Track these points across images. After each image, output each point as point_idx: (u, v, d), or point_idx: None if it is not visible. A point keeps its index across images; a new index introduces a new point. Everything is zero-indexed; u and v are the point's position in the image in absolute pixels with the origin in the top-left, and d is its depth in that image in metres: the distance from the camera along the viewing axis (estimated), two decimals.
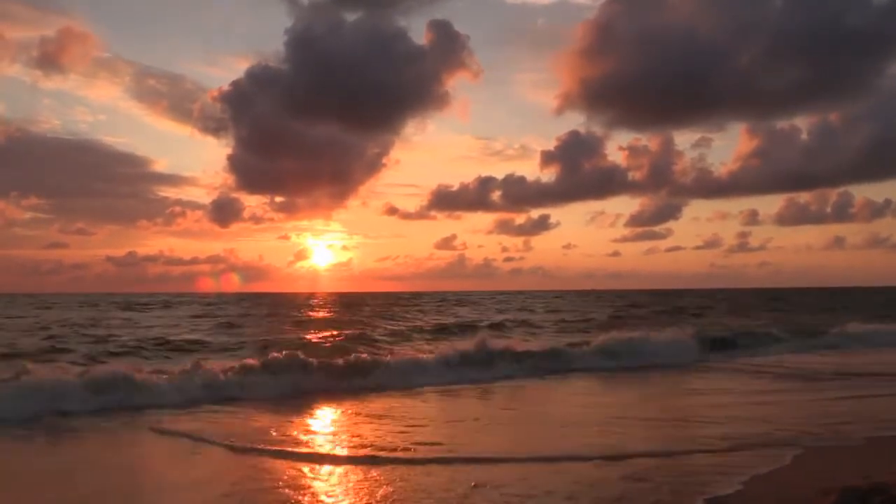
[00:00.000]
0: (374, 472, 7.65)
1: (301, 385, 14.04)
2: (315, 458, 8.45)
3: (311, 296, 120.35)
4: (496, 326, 32.09)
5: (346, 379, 14.74)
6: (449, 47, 73.29)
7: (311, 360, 15.31)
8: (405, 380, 15.09)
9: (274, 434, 9.78)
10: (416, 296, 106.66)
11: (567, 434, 10.15)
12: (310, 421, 11.24)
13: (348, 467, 7.97)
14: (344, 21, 73.51)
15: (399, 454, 8.48)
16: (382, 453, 8.50)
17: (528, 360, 18.08)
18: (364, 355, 16.97)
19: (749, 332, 26.86)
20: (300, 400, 13.01)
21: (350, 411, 11.93)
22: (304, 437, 9.70)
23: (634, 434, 9.87)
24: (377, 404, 12.57)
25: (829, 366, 18.24)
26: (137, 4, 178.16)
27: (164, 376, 13.50)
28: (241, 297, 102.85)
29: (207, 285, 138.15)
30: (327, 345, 22.36)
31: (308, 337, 25.26)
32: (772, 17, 62.04)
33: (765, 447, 8.64)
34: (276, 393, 13.48)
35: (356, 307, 58.24)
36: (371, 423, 10.70)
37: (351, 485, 7.22)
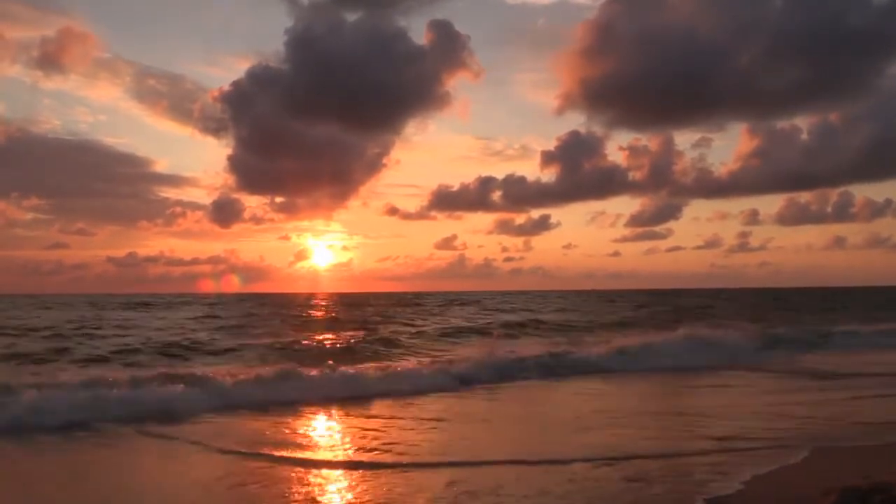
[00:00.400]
0: (370, 477, 7.63)
1: (319, 391, 13.47)
2: (314, 463, 8.35)
3: (313, 296, 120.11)
4: (524, 326, 31.69)
5: (362, 383, 14.30)
6: (449, 47, 73.22)
7: (327, 365, 15.13)
8: (419, 384, 14.67)
9: (280, 439, 9.65)
10: (419, 296, 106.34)
11: (568, 435, 10.15)
12: (319, 427, 10.97)
13: (346, 472, 7.92)
14: (344, 21, 73.42)
15: (398, 458, 8.39)
16: (382, 458, 8.44)
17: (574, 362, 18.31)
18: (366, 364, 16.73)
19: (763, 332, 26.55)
20: (315, 407, 12.43)
21: (363, 416, 11.55)
22: (309, 443, 9.60)
23: (637, 434, 9.83)
24: (389, 409, 12.20)
25: (842, 366, 18.24)
26: (138, 4, 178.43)
27: (176, 382, 12.89)
28: (242, 298, 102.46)
29: (208, 286, 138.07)
30: (347, 346, 21.87)
31: (325, 339, 24.71)
32: (772, 17, 61.99)
33: (769, 447, 8.61)
34: (292, 399, 12.84)
35: (363, 308, 57.58)
36: (378, 428, 10.43)
37: (345, 489, 7.21)
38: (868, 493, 5.75)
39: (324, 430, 10.69)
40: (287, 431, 10.28)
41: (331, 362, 15.94)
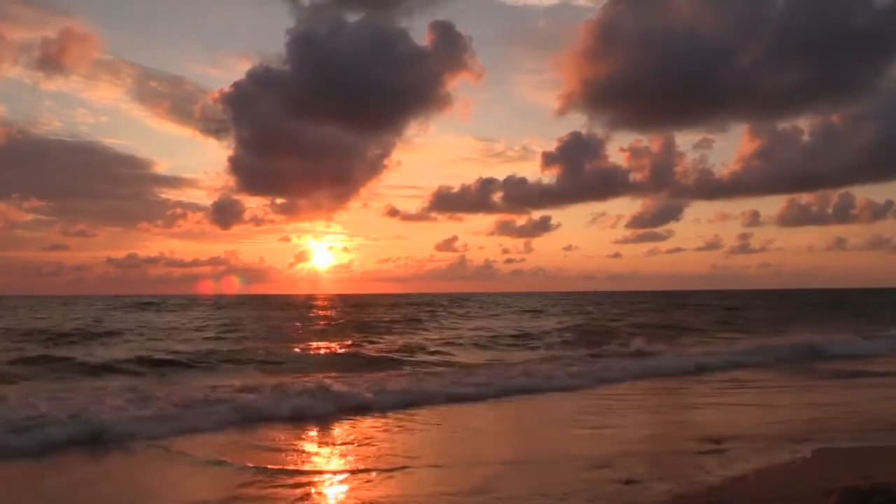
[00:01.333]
0: (367, 481, 7.59)
1: (360, 403, 12.29)
2: (309, 472, 8.31)
3: (315, 298, 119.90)
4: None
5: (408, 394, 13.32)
6: (450, 48, 73.42)
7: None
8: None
9: (301, 452, 9.20)
10: (425, 298, 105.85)
11: (567, 435, 10.13)
12: (323, 438, 10.28)
13: (342, 477, 7.89)
14: (345, 22, 73.70)
15: (394, 462, 8.31)
16: (380, 463, 8.39)
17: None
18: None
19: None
20: (352, 418, 11.45)
21: (372, 425, 10.88)
22: (308, 454, 9.41)
23: (637, 434, 9.81)
24: (417, 418, 11.43)
25: (865, 366, 18.32)
26: (139, 5, 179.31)
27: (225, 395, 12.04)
28: (245, 300, 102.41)
29: (208, 287, 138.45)
30: (387, 355, 21.03)
31: (361, 346, 23.91)
32: (773, 18, 62.04)
33: (770, 447, 8.57)
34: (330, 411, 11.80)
35: (377, 310, 56.71)
36: (403, 436, 9.99)
37: (340, 494, 7.21)
38: (869, 493, 5.71)
39: (327, 441, 10.12)
40: (319, 443, 9.79)
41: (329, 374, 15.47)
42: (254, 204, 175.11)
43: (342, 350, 22.73)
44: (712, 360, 19.18)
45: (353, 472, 7.85)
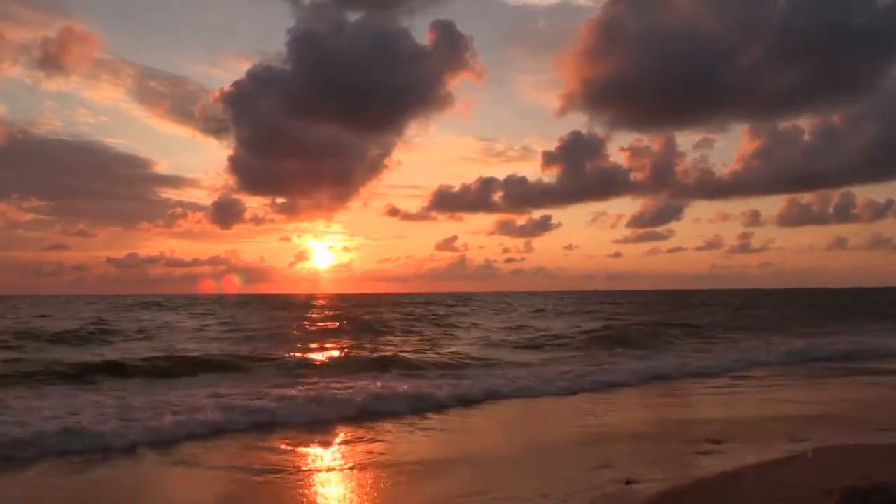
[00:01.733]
0: (371, 482, 7.62)
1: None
2: (308, 473, 8.34)
3: (315, 297, 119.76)
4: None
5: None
6: (451, 48, 73.49)
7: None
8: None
9: (306, 455, 9.18)
10: (426, 297, 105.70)
11: (569, 436, 10.14)
12: (326, 441, 10.09)
13: (342, 476, 7.92)
14: (346, 21, 73.61)
15: (397, 459, 8.36)
16: (381, 460, 8.43)
17: None
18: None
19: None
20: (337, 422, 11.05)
21: (393, 428, 10.57)
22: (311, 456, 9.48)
23: (638, 434, 9.82)
24: (420, 420, 11.26)
25: (866, 364, 18.51)
26: (139, 5, 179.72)
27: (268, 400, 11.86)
28: (246, 299, 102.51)
29: (209, 287, 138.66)
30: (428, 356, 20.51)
31: (363, 348, 23.38)
32: (774, 18, 62.03)
33: (770, 447, 8.57)
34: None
35: (380, 309, 56.27)
36: (403, 437, 9.93)
37: (340, 493, 7.22)
38: (869, 493, 5.72)
39: (332, 443, 9.93)
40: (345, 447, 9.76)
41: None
42: (254, 203, 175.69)
43: (353, 352, 22.30)
44: (716, 361, 19.20)
45: (354, 472, 7.86)
